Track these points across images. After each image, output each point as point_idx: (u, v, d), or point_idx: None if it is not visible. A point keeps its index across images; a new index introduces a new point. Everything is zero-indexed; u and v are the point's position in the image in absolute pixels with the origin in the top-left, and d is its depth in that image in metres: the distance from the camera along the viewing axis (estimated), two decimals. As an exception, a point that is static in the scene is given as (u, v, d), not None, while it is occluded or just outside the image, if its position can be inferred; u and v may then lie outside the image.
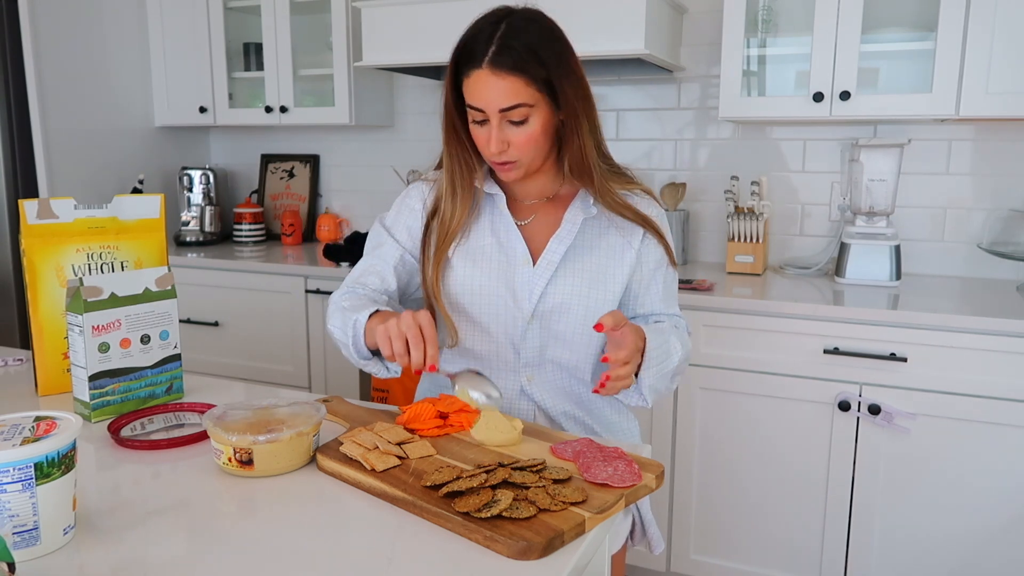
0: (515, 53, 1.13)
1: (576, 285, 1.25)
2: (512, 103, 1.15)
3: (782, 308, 1.97)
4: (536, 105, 1.17)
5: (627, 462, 0.97)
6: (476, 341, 1.29)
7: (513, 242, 1.27)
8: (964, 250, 2.34)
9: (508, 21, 1.16)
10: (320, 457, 1.02)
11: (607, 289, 1.27)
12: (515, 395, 1.29)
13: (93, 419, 1.18)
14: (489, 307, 1.26)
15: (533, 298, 1.25)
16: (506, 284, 1.26)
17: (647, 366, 1.18)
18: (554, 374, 1.30)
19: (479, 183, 1.28)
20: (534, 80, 1.15)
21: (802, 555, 2.05)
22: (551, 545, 0.81)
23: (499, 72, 1.14)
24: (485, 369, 1.29)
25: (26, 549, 0.79)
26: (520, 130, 1.18)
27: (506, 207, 1.29)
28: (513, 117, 1.16)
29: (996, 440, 1.83)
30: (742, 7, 2.17)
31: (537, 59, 1.14)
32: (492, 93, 1.15)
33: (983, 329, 1.81)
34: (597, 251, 1.28)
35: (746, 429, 2.06)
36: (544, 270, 1.25)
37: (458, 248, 1.29)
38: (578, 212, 1.27)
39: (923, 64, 2.10)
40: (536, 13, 1.20)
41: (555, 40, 1.18)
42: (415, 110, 2.99)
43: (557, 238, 1.26)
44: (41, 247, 1.27)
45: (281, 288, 2.60)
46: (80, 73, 2.77)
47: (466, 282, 1.27)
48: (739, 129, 2.54)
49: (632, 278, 1.30)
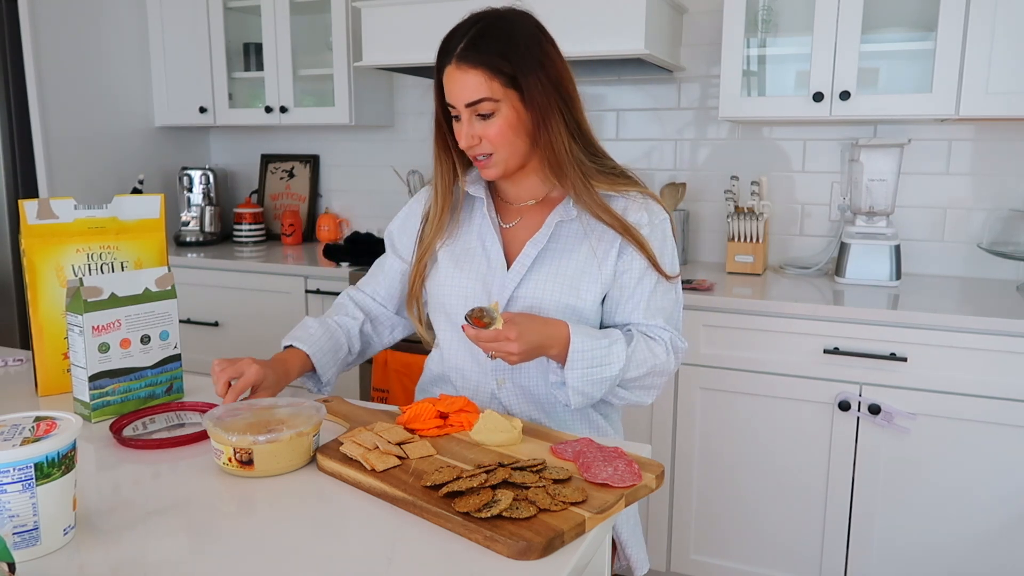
0: (479, 49, 1.17)
1: (549, 289, 1.24)
2: (476, 97, 1.18)
3: (782, 308, 1.97)
4: (503, 100, 1.19)
5: (627, 462, 0.97)
6: (453, 343, 1.32)
7: (493, 245, 1.29)
8: (964, 250, 2.34)
9: (485, 21, 1.20)
10: (320, 457, 1.02)
11: (581, 295, 1.24)
12: (486, 399, 1.30)
13: (93, 419, 1.18)
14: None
15: (503, 301, 1.25)
16: (483, 287, 1.27)
17: (571, 367, 1.16)
18: (527, 380, 1.30)
19: (463, 184, 1.31)
20: (498, 75, 1.17)
21: (802, 555, 2.05)
22: (551, 545, 0.81)
23: (463, 67, 1.18)
24: (459, 372, 1.32)
25: (26, 549, 0.79)
26: (488, 124, 1.20)
27: (489, 210, 1.31)
28: (480, 111, 1.19)
29: (996, 440, 1.83)
30: (742, 7, 2.16)
31: (502, 55, 1.17)
32: (457, 87, 1.19)
33: (983, 329, 1.81)
34: (575, 255, 1.25)
35: (746, 429, 2.06)
36: (515, 273, 1.26)
37: (445, 249, 1.31)
38: (557, 215, 1.27)
39: (923, 64, 2.10)
40: (515, 13, 1.23)
41: (527, 37, 1.20)
42: (415, 110, 2.99)
43: (532, 241, 1.27)
44: (41, 247, 1.27)
45: (281, 288, 2.60)
46: (80, 73, 2.77)
47: (447, 282, 1.30)
48: (739, 129, 2.54)
49: (613, 286, 1.26)
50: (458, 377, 1.33)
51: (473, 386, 1.31)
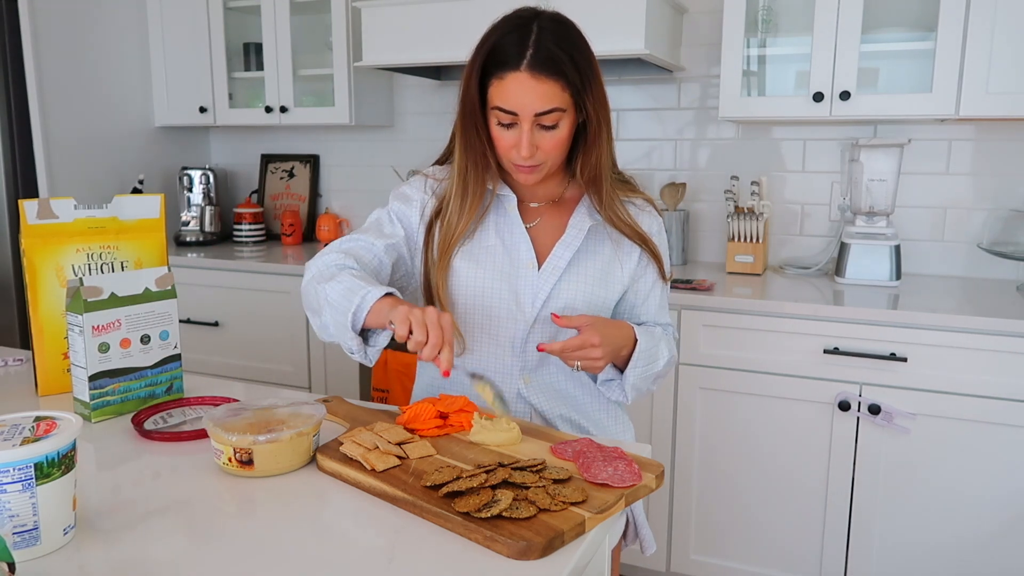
0: (554, 57, 1.12)
1: (580, 289, 1.26)
2: (549, 107, 1.14)
3: (782, 308, 1.97)
4: (568, 110, 1.16)
5: (627, 462, 0.97)
6: (475, 342, 1.29)
7: (519, 245, 1.27)
8: (964, 250, 2.34)
9: (539, 23, 1.14)
10: (320, 457, 1.02)
11: (607, 295, 1.29)
12: (512, 398, 1.29)
13: (93, 419, 1.18)
14: (490, 309, 1.26)
15: (537, 303, 1.25)
16: (509, 287, 1.25)
17: (634, 365, 1.21)
18: (552, 377, 1.30)
19: (491, 184, 1.27)
20: (569, 85, 1.14)
21: (802, 554, 2.05)
22: (551, 545, 0.81)
23: (538, 76, 1.12)
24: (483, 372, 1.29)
25: (26, 549, 0.79)
26: (550, 135, 1.17)
27: (515, 209, 1.28)
28: (545, 122, 1.15)
29: (996, 440, 1.83)
30: (742, 7, 2.17)
31: (573, 64, 1.13)
32: (529, 97, 1.13)
33: (983, 329, 1.81)
34: (600, 255, 1.29)
35: (746, 429, 2.06)
36: (549, 275, 1.25)
37: (461, 248, 1.27)
38: (584, 218, 1.28)
39: (923, 64, 2.10)
40: (562, 16, 1.19)
41: (585, 45, 1.18)
42: (415, 110, 2.99)
43: (563, 243, 1.26)
44: (41, 247, 1.27)
45: (281, 288, 2.60)
46: (80, 73, 2.77)
47: (468, 282, 1.26)
48: (739, 129, 2.54)
49: (629, 289, 1.32)
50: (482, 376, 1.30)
51: (499, 386, 1.28)
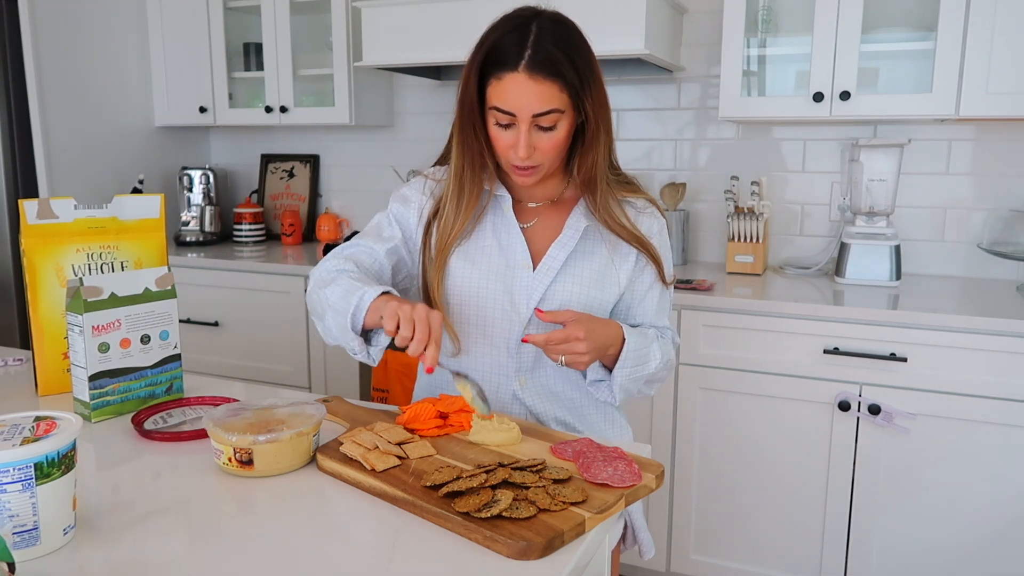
0: (552, 57, 1.11)
1: (575, 290, 1.25)
2: (547, 108, 1.13)
3: (782, 308, 1.97)
4: (566, 111, 1.15)
5: (627, 462, 0.97)
6: (471, 343, 1.28)
7: (515, 245, 1.26)
8: (964, 250, 2.34)
9: (538, 23, 1.14)
10: (320, 457, 1.02)
11: (602, 295, 1.27)
12: (508, 400, 1.29)
13: (93, 419, 1.18)
14: (485, 309, 1.25)
15: (532, 303, 1.24)
16: (504, 287, 1.25)
17: (621, 364, 1.20)
18: (548, 379, 1.29)
19: (488, 185, 1.27)
20: (568, 86, 1.13)
21: (802, 555, 2.05)
22: (551, 545, 0.81)
23: (536, 76, 1.11)
24: (478, 373, 1.29)
25: (26, 549, 0.79)
26: (548, 136, 1.16)
27: (511, 209, 1.28)
28: (543, 123, 1.15)
29: (996, 440, 1.83)
30: (742, 7, 2.17)
31: (572, 65, 1.12)
32: (527, 98, 1.12)
33: (983, 329, 1.81)
34: (596, 256, 1.28)
35: (746, 429, 2.06)
36: (544, 275, 1.25)
37: (457, 248, 1.27)
38: (580, 219, 1.27)
39: (923, 64, 2.10)
40: (562, 17, 1.18)
41: (585, 46, 1.17)
42: (415, 110, 2.99)
43: (559, 244, 1.26)
44: (41, 247, 1.27)
45: (281, 288, 2.60)
46: (80, 73, 2.77)
47: (463, 282, 1.26)
48: (739, 129, 2.54)
49: (627, 291, 1.30)
50: (478, 378, 1.30)
51: (494, 387, 1.29)
